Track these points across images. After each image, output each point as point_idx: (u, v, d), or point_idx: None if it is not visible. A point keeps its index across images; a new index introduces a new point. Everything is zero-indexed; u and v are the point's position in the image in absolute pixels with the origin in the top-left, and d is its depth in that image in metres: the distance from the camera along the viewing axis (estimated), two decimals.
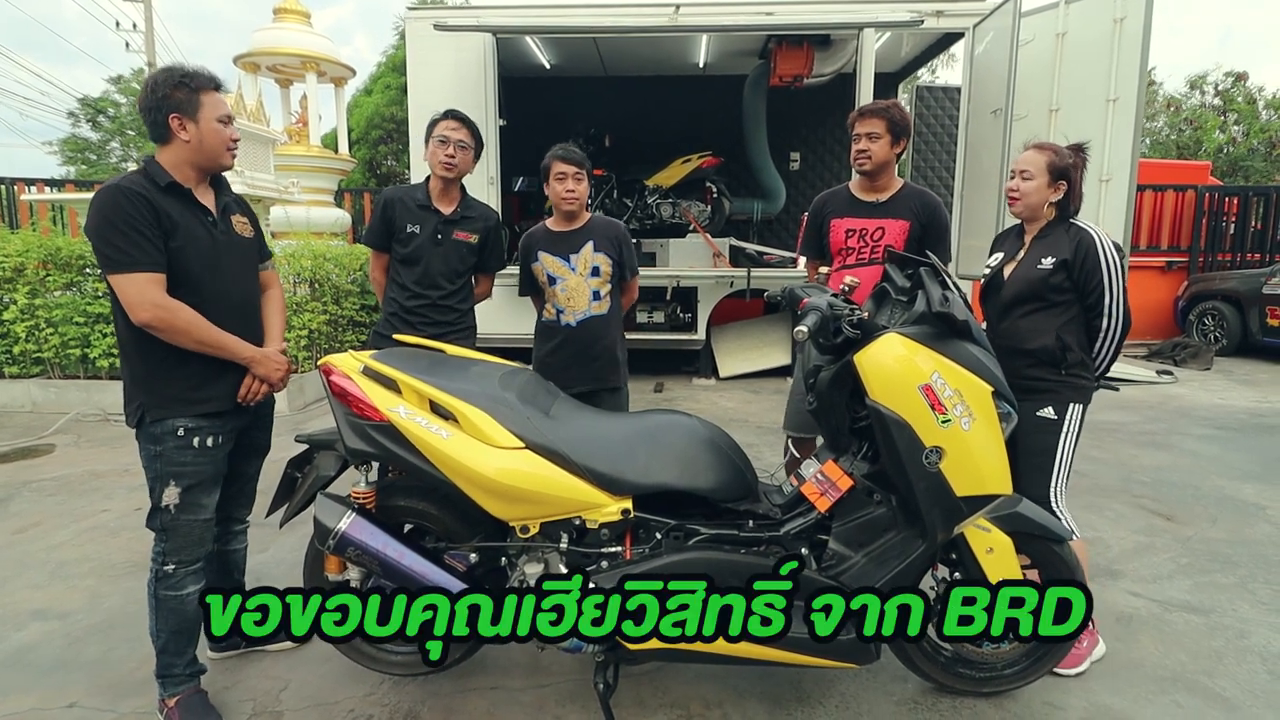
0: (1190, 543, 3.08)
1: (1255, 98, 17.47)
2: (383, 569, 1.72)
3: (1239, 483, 3.85)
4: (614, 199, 7.82)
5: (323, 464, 1.92)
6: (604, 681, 1.85)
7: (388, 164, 16.24)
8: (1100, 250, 2.05)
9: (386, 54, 15.90)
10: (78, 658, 2.30)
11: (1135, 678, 2.13)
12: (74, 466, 4.23)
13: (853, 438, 1.84)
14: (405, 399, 1.73)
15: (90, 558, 3.01)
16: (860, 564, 1.77)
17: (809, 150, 9.02)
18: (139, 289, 1.76)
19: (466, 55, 6.21)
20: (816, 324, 1.60)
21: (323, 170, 8.19)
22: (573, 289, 2.65)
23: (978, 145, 6.20)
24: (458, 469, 1.66)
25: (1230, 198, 9.59)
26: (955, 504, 1.68)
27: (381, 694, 2.10)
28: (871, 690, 2.08)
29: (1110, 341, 2.12)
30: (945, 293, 1.65)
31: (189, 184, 1.89)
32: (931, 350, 1.65)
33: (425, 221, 2.66)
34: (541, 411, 1.84)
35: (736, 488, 1.86)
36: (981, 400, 1.66)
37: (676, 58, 7.83)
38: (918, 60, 8.38)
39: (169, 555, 1.93)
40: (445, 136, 2.61)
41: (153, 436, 1.88)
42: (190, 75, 1.85)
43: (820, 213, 2.72)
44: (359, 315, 6.76)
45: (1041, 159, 2.13)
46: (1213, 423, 5.20)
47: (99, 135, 17.58)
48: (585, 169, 2.60)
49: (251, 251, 2.11)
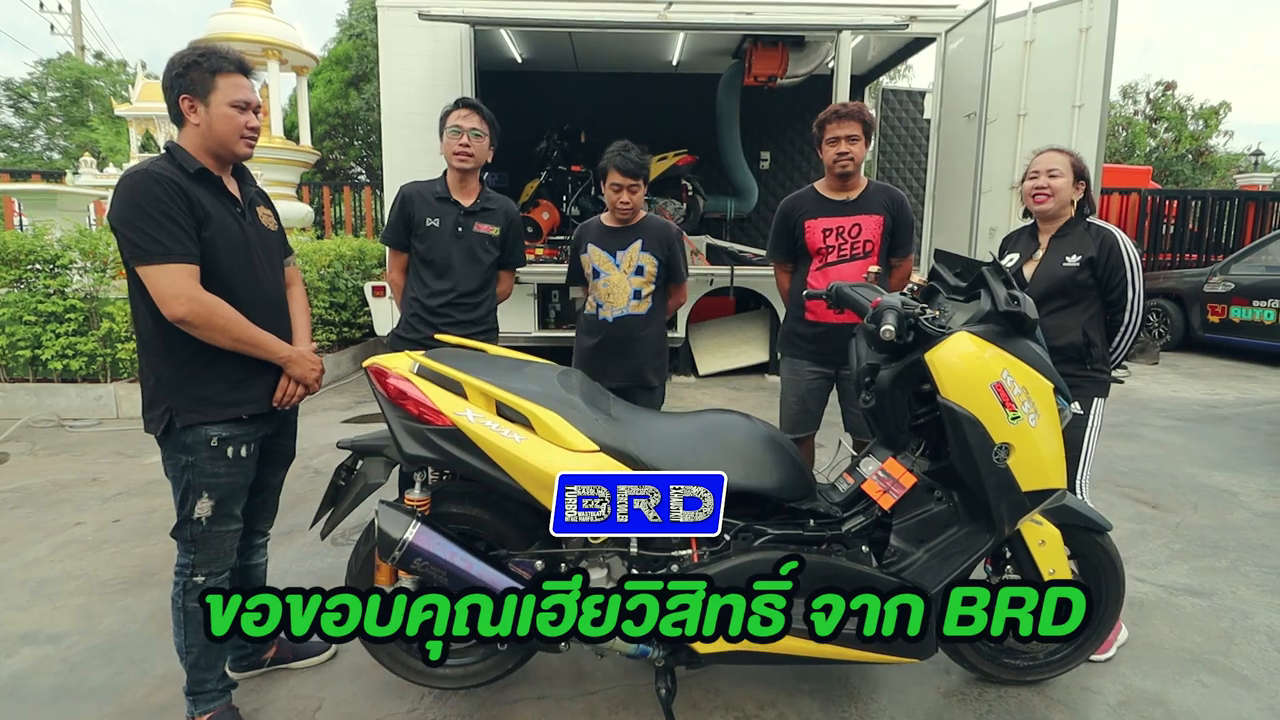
0: (1179, 529, 3.25)
1: (1184, 106, 18.60)
2: (451, 580, 1.65)
3: (1209, 471, 4.09)
4: (590, 195, 7.75)
5: (370, 471, 1.83)
6: (665, 686, 1.82)
7: (333, 159, 15.74)
8: (1123, 248, 2.15)
9: (328, 47, 15.39)
10: (81, 684, 2.13)
11: (1159, 660, 2.23)
12: (34, 476, 3.93)
13: (911, 435, 1.87)
14: (472, 402, 1.66)
15: (74, 575, 2.80)
16: (923, 560, 1.79)
17: (779, 150, 9.14)
18: (173, 281, 1.64)
19: (441, 47, 6.05)
20: (898, 323, 1.61)
21: (285, 163, 7.87)
22: (614, 285, 2.62)
23: (950, 147, 6.40)
24: (535, 474, 1.60)
25: (1170, 201, 10.19)
26: (1021, 498, 1.73)
27: (425, 708, 2.02)
28: (919, 683, 2.11)
29: (1128, 335, 2.22)
30: (1012, 292, 1.69)
31: (216, 172, 1.78)
32: (1000, 349, 1.69)
33: (445, 214, 2.57)
34: (604, 413, 1.80)
35: (798, 486, 1.86)
36: (1045, 397, 1.71)
37: (650, 55, 7.81)
38: (885, 64, 8.58)
39: (198, 567, 1.82)
40: (458, 126, 2.52)
41: (183, 445, 1.75)
42: (207, 54, 1.72)
43: (790, 216, 2.73)
44: (328, 314, 6.52)
45: (1065, 159, 2.21)
46: (1171, 414, 5.51)
47: (23, 122, 16.42)
48: (642, 178, 2.55)
49: (277, 246, 2.00)
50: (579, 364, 2.70)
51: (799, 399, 2.77)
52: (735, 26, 6.47)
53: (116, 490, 3.71)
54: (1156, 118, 19.04)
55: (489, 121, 2.58)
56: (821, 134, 2.58)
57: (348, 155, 16.31)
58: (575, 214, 7.41)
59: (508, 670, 1.97)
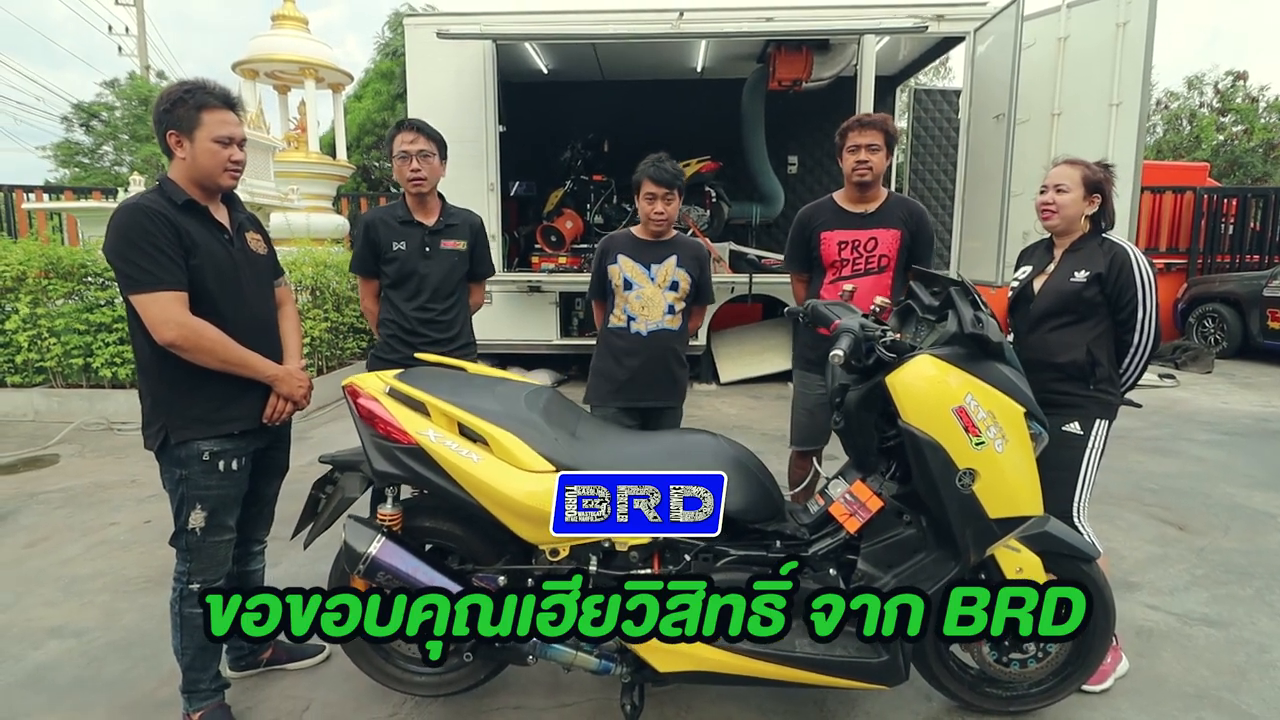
0: (1204, 553, 3.09)
1: (1258, 98, 17.58)
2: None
3: (1248, 490, 3.87)
4: (613, 204, 7.81)
5: (347, 485, 1.90)
6: (630, 703, 1.85)
7: (380, 168, 16.20)
8: (1135, 266, 2.06)
9: (374, 60, 15.85)
10: (97, 677, 2.28)
11: (1160, 695, 2.13)
12: (80, 478, 4.20)
13: (881, 457, 1.84)
14: (434, 422, 1.71)
15: (103, 573, 2.99)
16: (890, 585, 1.76)
17: (807, 154, 9.03)
18: (162, 308, 1.74)
19: (466, 62, 6.19)
20: (850, 347, 1.60)
21: (322, 176, 8.17)
22: (649, 298, 2.57)
23: (979, 149, 6.22)
24: (489, 493, 1.65)
25: (1229, 199, 9.64)
26: (988, 526, 1.68)
27: (405, 713, 2.08)
28: (896, 709, 2.07)
29: (1140, 358, 2.13)
30: (977, 313, 1.65)
31: (203, 202, 1.88)
32: (964, 371, 1.65)
33: (410, 237, 2.60)
34: (568, 432, 1.83)
35: (764, 508, 1.85)
36: (1014, 421, 1.66)
37: (675, 62, 7.83)
38: (916, 64, 8.40)
39: (194, 575, 1.93)
40: (405, 151, 2.53)
41: (177, 460, 1.86)
42: (194, 90, 1.80)
43: (807, 226, 2.70)
44: (359, 322, 6.73)
45: (1075, 173, 2.14)
46: (1217, 428, 5.22)
47: (92, 139, 17.43)
48: (678, 188, 2.50)
49: (266, 269, 2.10)
50: (602, 381, 2.64)
51: (808, 412, 2.75)
52: (755, 34, 6.44)
53: (151, 492, 3.93)
54: (1225, 110, 18.03)
55: (435, 139, 2.59)
56: (843, 142, 2.56)
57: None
58: (599, 222, 7.48)
59: (480, 680, 2.02)
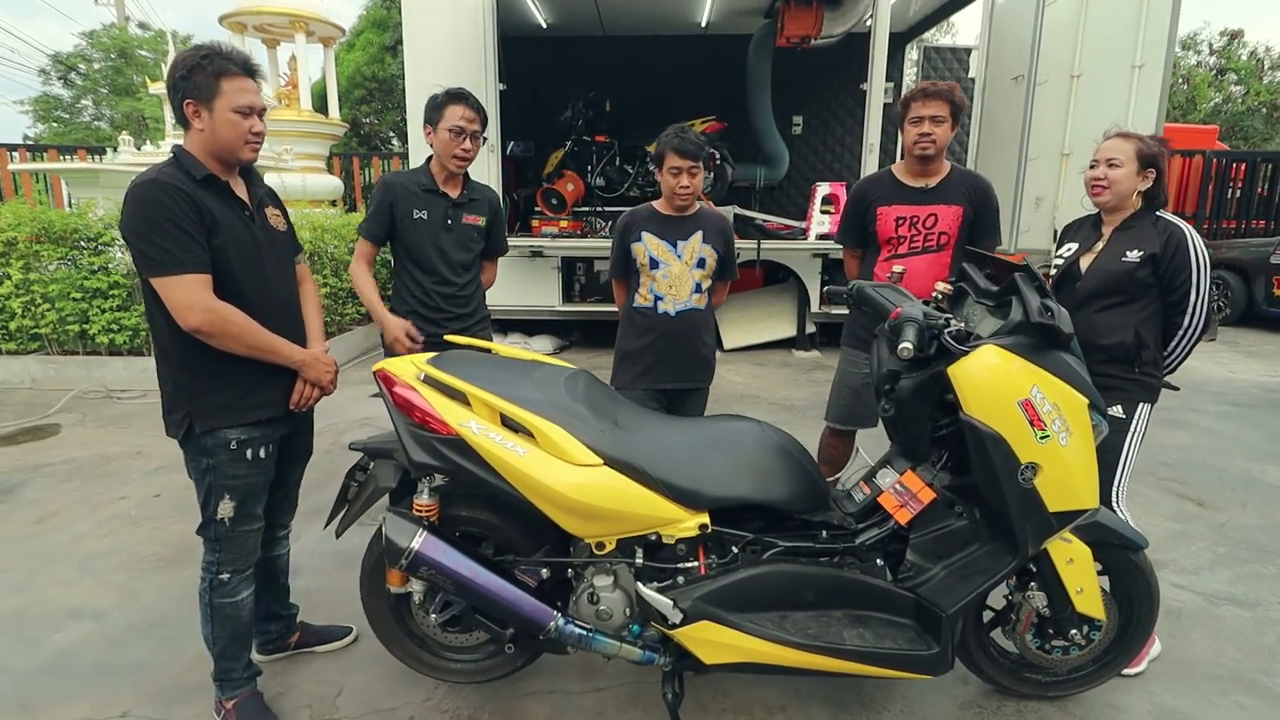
0: (1224, 530, 3.10)
1: (1261, 57, 17.25)
2: (456, 587, 1.66)
3: (1262, 464, 3.88)
4: (615, 165, 7.60)
5: (380, 473, 1.84)
6: (672, 691, 1.83)
7: (368, 123, 15.73)
8: (1191, 247, 1.98)
9: (366, 8, 15.22)
10: (121, 661, 2.24)
11: (1194, 677, 2.14)
12: (84, 449, 4.12)
13: (933, 446, 1.79)
14: (476, 413, 1.64)
15: (117, 550, 2.94)
16: (940, 577, 1.73)
17: (813, 114, 8.77)
18: (186, 291, 1.64)
19: (464, 15, 5.92)
20: (917, 338, 1.53)
21: (315, 135, 7.88)
22: (676, 277, 2.48)
23: (994, 110, 6.05)
24: (536, 487, 1.59)
25: (1238, 163, 9.52)
26: (1047, 519, 1.64)
27: (439, 699, 2.07)
28: (934, 693, 2.07)
29: (1188, 341, 2.07)
30: (1045, 301, 1.58)
31: (223, 176, 1.76)
32: (1030, 363, 1.59)
33: (433, 206, 2.50)
34: (611, 421, 1.76)
35: (811, 498, 1.80)
36: (1079, 414, 1.61)
37: (679, 15, 7.51)
38: (928, 20, 8.13)
39: (223, 565, 1.87)
40: (461, 127, 2.42)
41: (203, 449, 1.78)
42: (211, 56, 1.68)
43: (864, 200, 2.60)
44: None
45: (1129, 146, 2.04)
46: (1225, 398, 5.23)
47: (71, 93, 16.79)
48: (702, 159, 2.38)
49: (287, 246, 1.99)
50: (628, 362, 2.57)
51: (854, 391, 2.69)
52: None
53: (158, 464, 3.86)
54: (1225, 69, 17.69)
55: (485, 121, 2.51)
56: (905, 113, 2.44)
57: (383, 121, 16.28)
58: (600, 185, 7.28)
59: (517, 668, 1.99)
